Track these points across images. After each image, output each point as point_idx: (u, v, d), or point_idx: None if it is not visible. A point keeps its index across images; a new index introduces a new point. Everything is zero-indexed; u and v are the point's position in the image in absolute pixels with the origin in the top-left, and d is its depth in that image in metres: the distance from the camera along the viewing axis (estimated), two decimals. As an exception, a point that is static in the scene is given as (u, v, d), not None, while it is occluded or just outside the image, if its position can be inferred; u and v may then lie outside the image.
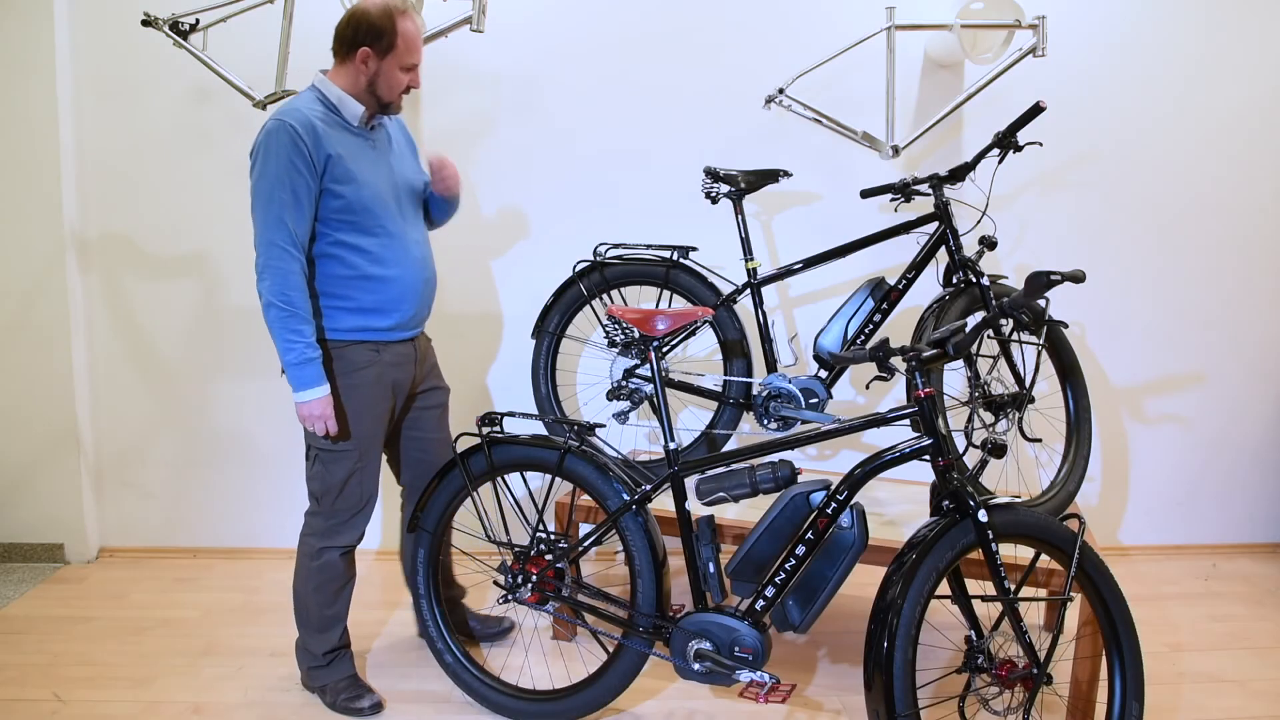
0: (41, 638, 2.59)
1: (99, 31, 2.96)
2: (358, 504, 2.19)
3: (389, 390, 2.18)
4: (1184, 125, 3.17)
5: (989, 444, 1.90)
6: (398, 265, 2.10)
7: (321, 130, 1.97)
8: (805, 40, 3.03)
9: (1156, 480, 3.36)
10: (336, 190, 1.99)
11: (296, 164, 1.93)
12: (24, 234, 2.98)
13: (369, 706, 2.22)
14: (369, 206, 2.04)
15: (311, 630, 2.24)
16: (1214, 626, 2.79)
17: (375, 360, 2.13)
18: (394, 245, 2.09)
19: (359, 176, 2.02)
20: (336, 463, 2.13)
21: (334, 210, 2.01)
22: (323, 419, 2.03)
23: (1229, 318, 3.29)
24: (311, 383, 2.00)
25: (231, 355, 3.13)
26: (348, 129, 2.05)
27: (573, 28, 3.05)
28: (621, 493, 2.06)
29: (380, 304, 2.10)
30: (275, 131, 1.93)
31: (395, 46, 2.00)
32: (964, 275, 2.36)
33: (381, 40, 1.99)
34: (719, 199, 2.62)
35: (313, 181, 1.96)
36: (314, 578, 2.19)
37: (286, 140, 1.92)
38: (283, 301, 1.95)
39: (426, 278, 2.18)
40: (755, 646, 1.92)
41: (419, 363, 2.26)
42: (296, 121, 1.93)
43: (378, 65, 2.01)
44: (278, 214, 1.94)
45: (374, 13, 1.98)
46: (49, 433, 3.08)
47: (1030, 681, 1.79)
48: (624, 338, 2.57)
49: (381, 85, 2.04)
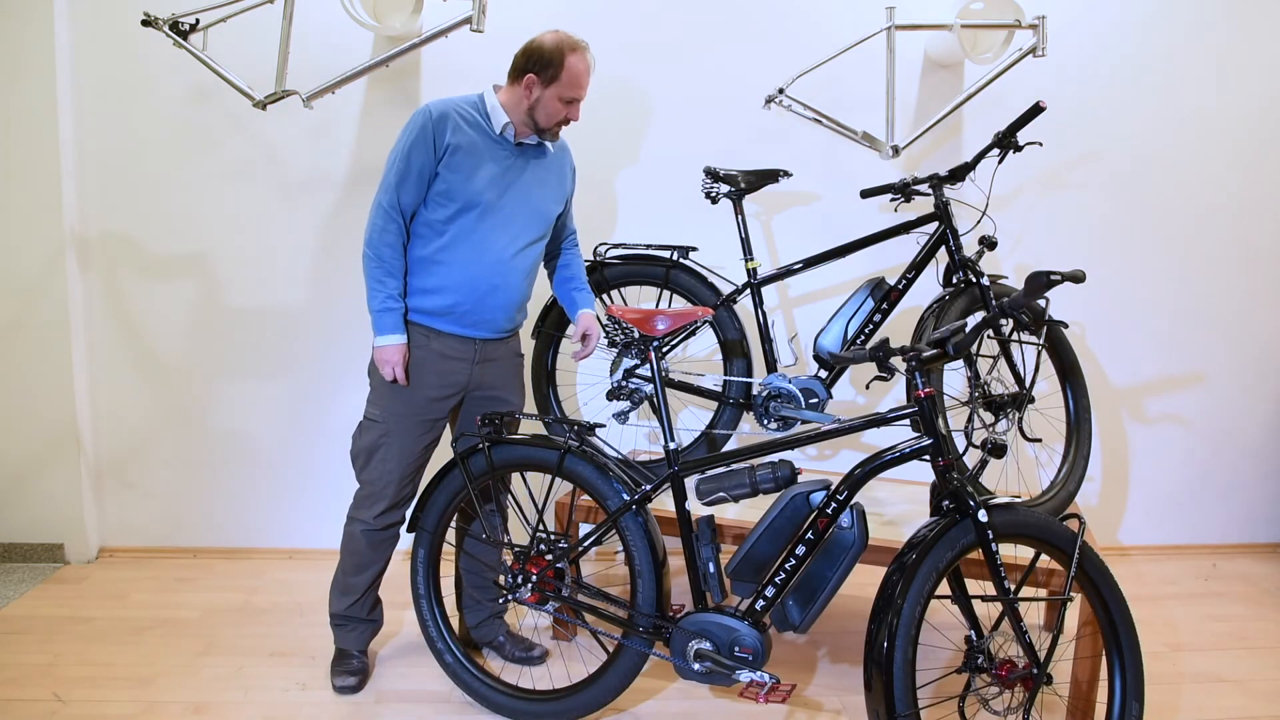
0: (41, 638, 2.59)
1: (99, 31, 2.96)
2: (378, 479, 2.27)
3: (435, 378, 2.24)
4: (1184, 125, 3.17)
5: (989, 444, 1.90)
6: (465, 259, 2.19)
7: (456, 123, 2.15)
8: (805, 40, 3.03)
9: (1156, 480, 3.36)
10: (444, 175, 2.15)
11: (419, 144, 2.13)
12: (24, 234, 2.98)
13: (339, 686, 2.33)
14: (467, 197, 2.16)
15: (335, 587, 2.40)
16: (1214, 626, 2.79)
17: (423, 345, 2.22)
18: (472, 241, 2.18)
19: (470, 171, 2.15)
20: (369, 430, 2.27)
21: (437, 191, 2.16)
22: (391, 364, 2.18)
23: (1229, 318, 3.29)
24: (388, 329, 2.17)
25: (231, 355, 3.13)
26: (488, 135, 2.19)
27: (572, 27, 3.04)
28: (621, 493, 2.06)
29: (435, 285, 2.20)
30: (417, 113, 2.16)
31: (559, 79, 2.14)
32: (964, 275, 2.36)
33: (548, 70, 2.14)
34: (719, 199, 2.62)
35: (429, 163, 2.14)
36: (343, 544, 2.36)
37: (421, 121, 2.13)
38: (373, 251, 2.17)
39: (495, 284, 2.21)
40: (755, 646, 1.92)
41: (479, 364, 2.28)
42: (436, 109, 2.14)
43: (540, 93, 2.15)
44: (393, 180, 2.15)
45: (548, 44, 2.15)
46: (49, 433, 3.08)
47: (1030, 681, 1.79)
48: (624, 338, 2.57)
49: (540, 112, 2.17)
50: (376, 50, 2.96)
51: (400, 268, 2.19)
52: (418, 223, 2.20)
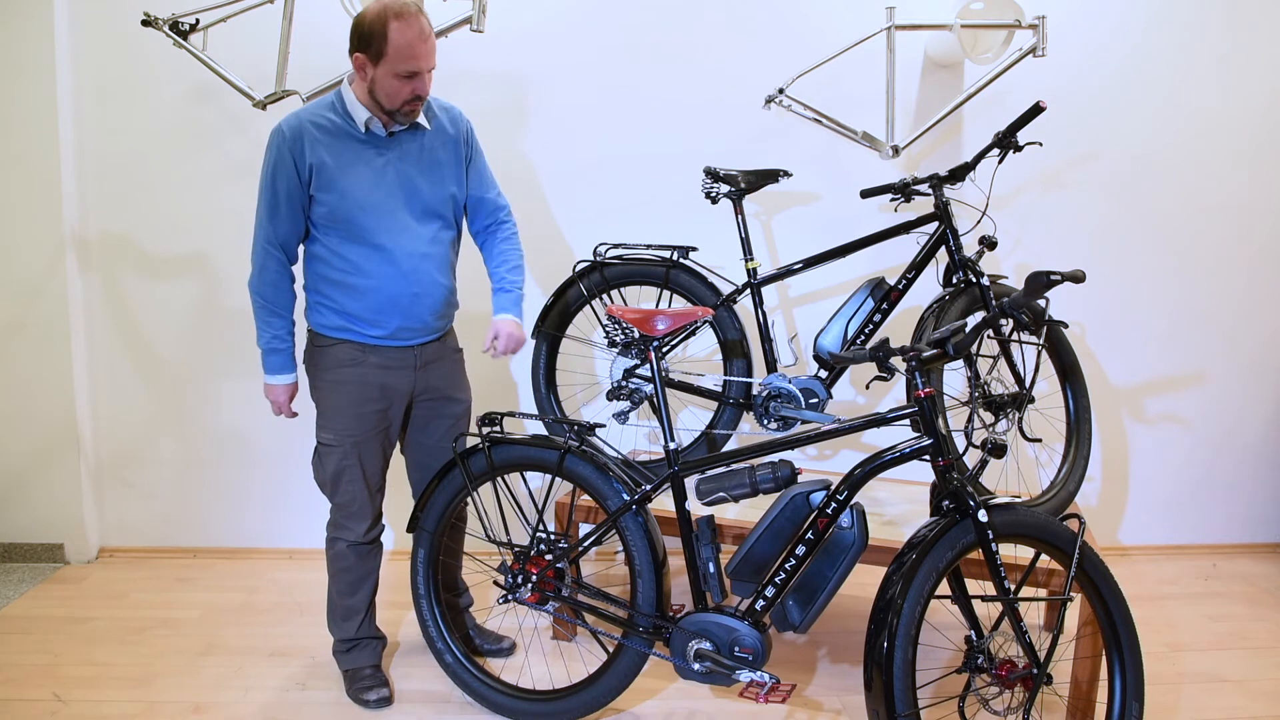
0: (41, 638, 2.59)
1: (99, 31, 2.96)
2: (353, 499, 2.22)
3: (378, 391, 2.17)
4: (1184, 125, 3.17)
5: (989, 444, 1.90)
6: (378, 277, 2.08)
7: (313, 138, 2.00)
8: (805, 40, 3.03)
9: (1156, 480, 3.36)
10: (319, 197, 2.04)
11: (280, 169, 2.01)
12: (24, 234, 2.98)
13: (374, 700, 2.26)
14: (351, 217, 2.04)
15: (333, 616, 2.33)
16: (1214, 626, 2.79)
17: (361, 360, 2.15)
18: (377, 257, 2.07)
19: (344, 187, 2.02)
20: (328, 456, 2.20)
21: (320, 215, 2.06)
22: (278, 404, 2.19)
23: (1229, 318, 3.29)
24: (274, 369, 2.15)
25: (231, 355, 3.13)
26: (354, 136, 2.04)
27: (573, 27, 3.05)
28: (621, 493, 2.06)
29: (361, 311, 2.11)
30: (272, 136, 2.03)
31: (385, 54, 1.89)
32: (964, 275, 2.36)
33: (371, 47, 1.91)
34: (719, 199, 2.62)
35: (297, 186, 2.03)
36: (330, 565, 2.30)
37: (276, 144, 2.01)
38: (256, 293, 2.11)
39: (416, 292, 2.10)
40: (755, 646, 1.92)
41: (420, 369, 2.21)
42: (288, 127, 2.01)
43: (373, 72, 1.94)
44: (263, 213, 2.06)
45: (367, 17, 1.90)
46: (49, 433, 3.08)
47: (1030, 681, 1.79)
48: (624, 338, 2.57)
49: (380, 93, 1.97)
50: (376, 50, 2.96)
51: (287, 304, 2.12)
52: (316, 246, 2.09)
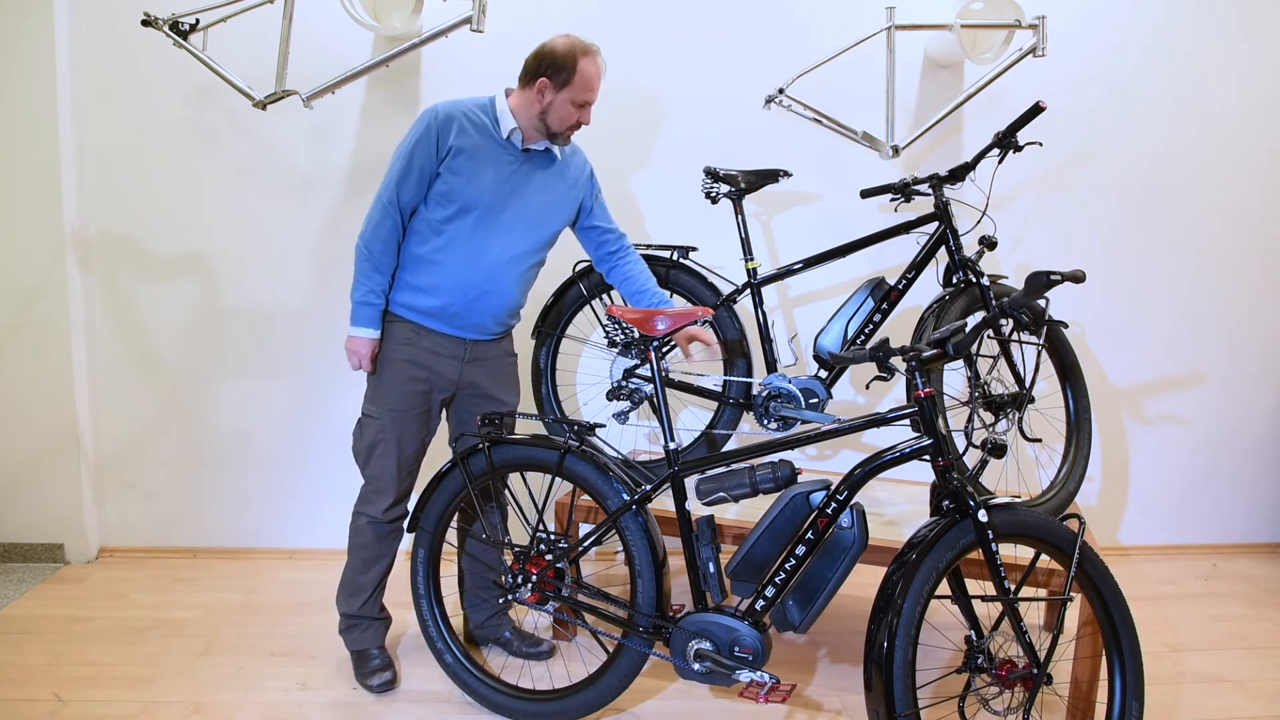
0: (41, 638, 2.59)
1: (99, 31, 2.96)
2: (382, 475, 2.30)
3: (424, 375, 2.26)
4: (1184, 125, 3.17)
5: (989, 444, 1.90)
6: (459, 262, 2.20)
7: (461, 125, 2.16)
8: (805, 40, 3.03)
9: (1156, 480, 3.36)
10: (446, 176, 2.17)
11: (424, 142, 2.15)
12: (24, 233, 2.98)
13: (378, 684, 2.31)
14: (466, 199, 2.17)
15: (343, 590, 2.40)
16: (1214, 626, 2.79)
17: (413, 342, 2.25)
18: (468, 245, 2.19)
19: (471, 173, 2.16)
20: (368, 426, 2.29)
21: (437, 192, 2.18)
22: (358, 355, 2.23)
23: (1229, 318, 3.29)
24: (364, 322, 2.21)
25: (231, 355, 3.13)
26: (494, 139, 2.20)
27: (573, 27, 3.04)
28: (621, 493, 2.06)
29: (428, 285, 2.21)
30: (424, 112, 2.18)
31: (571, 83, 2.15)
32: (964, 275, 2.36)
33: (560, 74, 2.15)
34: (719, 199, 2.62)
35: (432, 161, 2.16)
36: (350, 539, 2.37)
37: (427, 120, 2.16)
38: (366, 247, 2.20)
39: (487, 289, 2.23)
40: (755, 646, 1.92)
41: (468, 363, 2.30)
42: (443, 110, 2.17)
43: (553, 97, 2.16)
44: (395, 176, 2.17)
45: (560, 49, 2.16)
46: (49, 433, 3.08)
47: (1030, 681, 1.79)
48: (624, 338, 2.57)
49: (552, 116, 2.18)
50: (376, 50, 2.97)
51: (390, 264, 2.21)
52: (417, 219, 2.22)
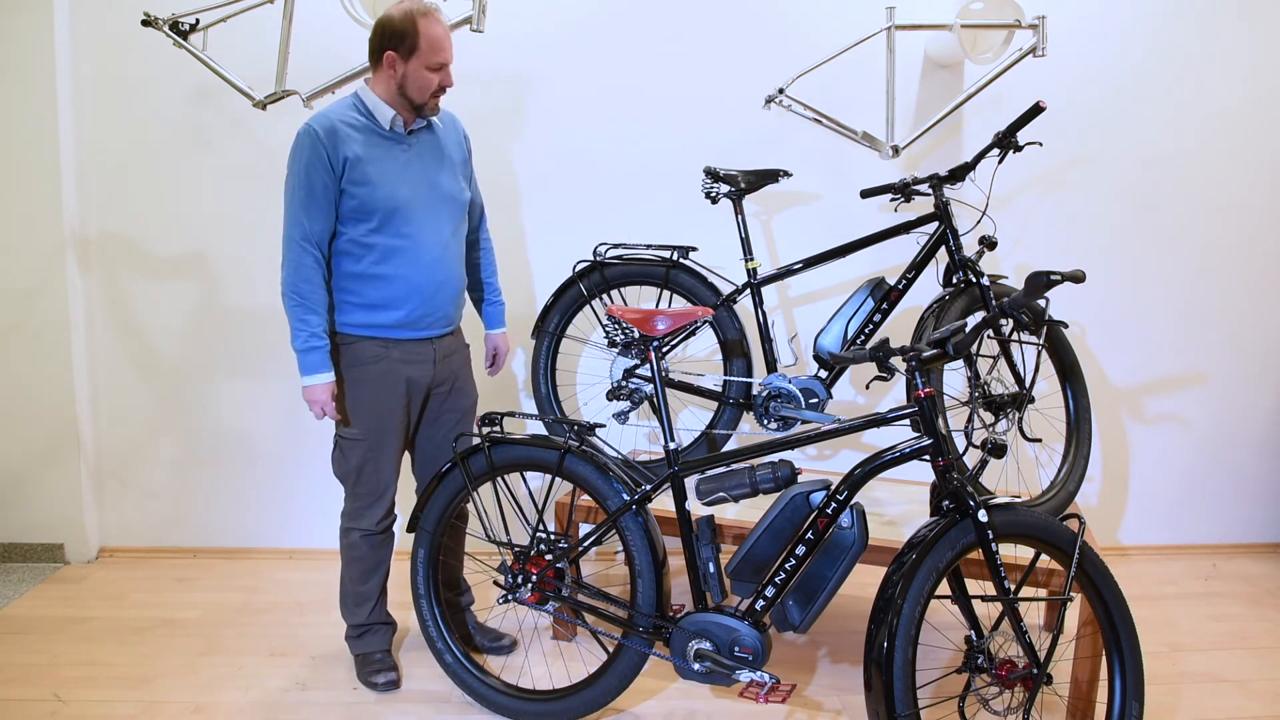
0: (41, 638, 2.59)
1: (99, 31, 2.96)
2: (374, 490, 2.30)
3: (401, 386, 2.25)
4: (1184, 125, 3.17)
5: (989, 444, 1.90)
6: (404, 265, 2.17)
7: (344, 134, 2.09)
8: (805, 40, 3.02)
9: (1156, 480, 3.36)
10: (351, 191, 2.11)
11: (315, 165, 2.07)
12: (24, 233, 2.98)
13: (382, 683, 2.34)
14: (381, 207, 2.13)
15: (346, 603, 2.41)
16: (1214, 626, 2.79)
17: (383, 356, 2.22)
18: (405, 246, 2.17)
19: (376, 179, 2.11)
20: (351, 450, 2.27)
21: (350, 209, 2.12)
22: (320, 404, 2.16)
23: (1229, 318, 3.29)
24: (313, 369, 2.14)
25: (231, 355, 3.13)
26: (380, 134, 2.15)
27: (573, 27, 3.05)
28: (621, 493, 2.06)
29: (384, 300, 2.19)
30: (300, 135, 2.09)
31: (418, 47, 2.07)
32: (964, 275, 2.36)
33: (405, 42, 2.08)
34: (719, 199, 2.62)
35: (330, 182, 2.09)
36: (344, 555, 2.37)
37: (308, 143, 2.07)
38: (293, 291, 2.12)
39: (440, 280, 2.22)
40: (755, 646, 1.92)
41: (438, 363, 2.30)
42: (319, 125, 2.08)
43: (404, 67, 2.09)
44: (296, 211, 2.10)
45: (396, 17, 2.08)
46: (49, 433, 3.08)
47: (1030, 681, 1.79)
48: (624, 338, 2.57)
49: (411, 87, 2.11)
50: (376, 50, 2.96)
51: (322, 301, 2.14)
52: (340, 240, 2.15)
